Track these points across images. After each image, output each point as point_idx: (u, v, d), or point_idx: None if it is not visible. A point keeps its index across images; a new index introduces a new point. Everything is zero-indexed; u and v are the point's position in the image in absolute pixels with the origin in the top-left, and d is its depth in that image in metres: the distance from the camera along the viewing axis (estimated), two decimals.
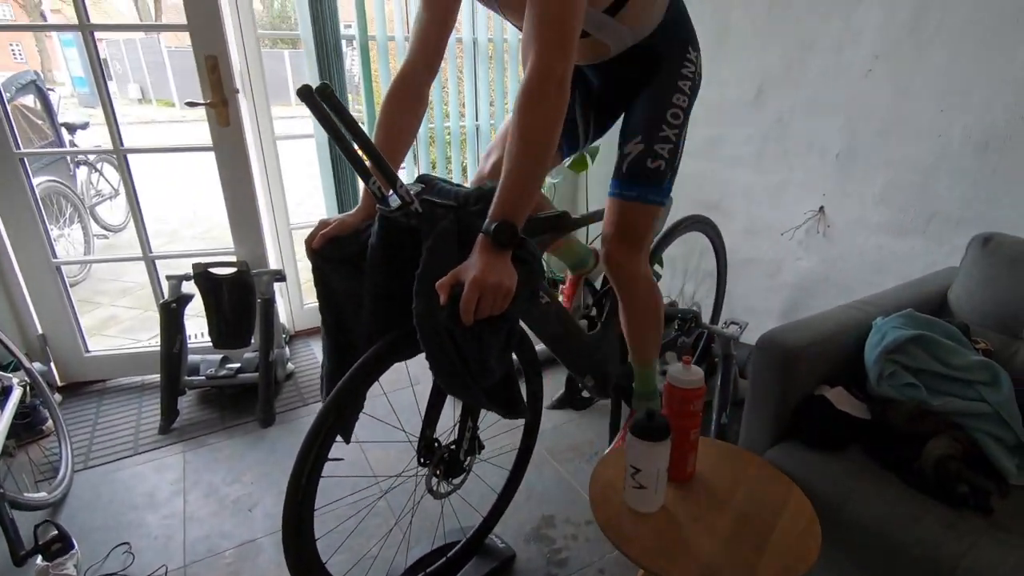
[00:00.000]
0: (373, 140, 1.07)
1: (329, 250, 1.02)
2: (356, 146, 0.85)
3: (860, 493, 1.01)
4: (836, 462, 1.08)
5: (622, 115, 1.27)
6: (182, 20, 1.72)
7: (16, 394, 1.45)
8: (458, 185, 1.00)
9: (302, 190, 4.85)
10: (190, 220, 4.84)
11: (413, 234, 0.91)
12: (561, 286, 1.69)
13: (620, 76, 1.22)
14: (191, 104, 1.82)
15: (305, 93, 0.77)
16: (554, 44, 0.83)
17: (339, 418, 0.94)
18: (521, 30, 1.21)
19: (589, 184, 2.67)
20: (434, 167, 2.46)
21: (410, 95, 1.09)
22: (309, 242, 1.03)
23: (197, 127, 11.38)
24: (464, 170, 2.77)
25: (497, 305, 0.82)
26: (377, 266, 0.97)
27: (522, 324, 1.12)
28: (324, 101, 0.78)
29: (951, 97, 1.48)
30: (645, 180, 1.17)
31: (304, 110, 0.83)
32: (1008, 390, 1.05)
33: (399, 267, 0.93)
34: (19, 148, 1.79)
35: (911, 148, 1.58)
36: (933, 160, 1.54)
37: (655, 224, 1.27)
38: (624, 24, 1.10)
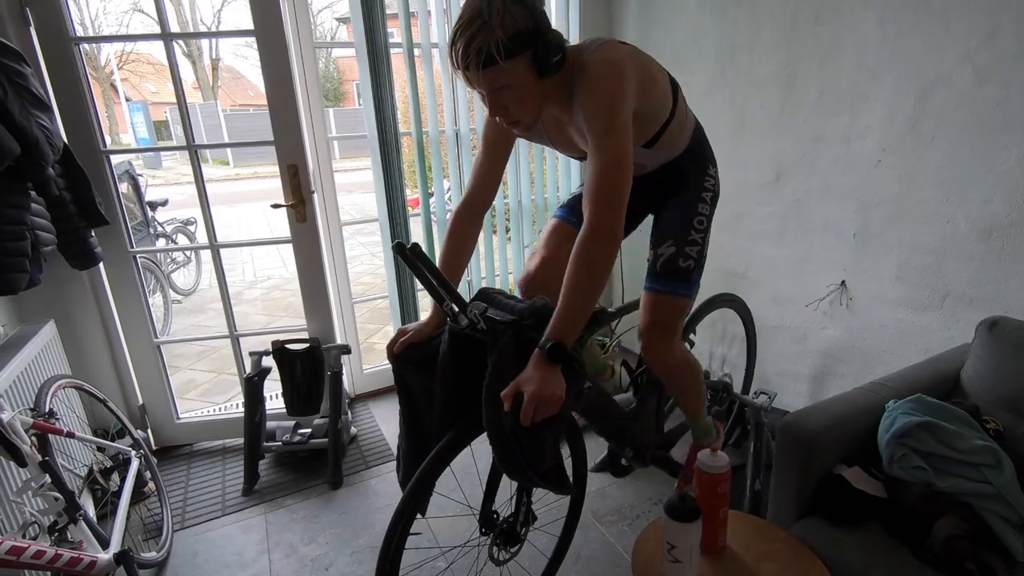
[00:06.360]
0: (441, 257, 1.31)
1: (407, 354, 1.24)
2: (435, 282, 1.07)
3: (877, 569, 1.12)
4: (855, 538, 1.19)
5: (647, 217, 1.50)
6: (238, 82, 2.02)
7: (135, 465, 1.70)
8: (512, 297, 1.21)
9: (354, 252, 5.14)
10: (251, 281, 5.23)
11: (475, 342, 1.11)
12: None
13: (651, 184, 1.43)
14: (276, 206, 2.11)
15: (399, 249, 1.00)
16: (607, 206, 1.04)
17: (419, 501, 1.13)
18: (571, 157, 1.45)
19: (624, 280, 2.88)
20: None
21: (470, 221, 1.32)
22: (391, 347, 1.25)
23: (249, 184, 12.19)
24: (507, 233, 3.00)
25: (550, 411, 1.00)
26: (447, 369, 1.18)
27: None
28: (413, 255, 1.00)
29: (953, 189, 1.61)
30: (676, 277, 1.37)
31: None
32: (1010, 473, 1.15)
33: (464, 369, 1.15)
34: (133, 247, 2.11)
35: (921, 232, 1.71)
36: (942, 244, 1.67)
37: (684, 315, 1.45)
38: (660, 151, 1.34)
